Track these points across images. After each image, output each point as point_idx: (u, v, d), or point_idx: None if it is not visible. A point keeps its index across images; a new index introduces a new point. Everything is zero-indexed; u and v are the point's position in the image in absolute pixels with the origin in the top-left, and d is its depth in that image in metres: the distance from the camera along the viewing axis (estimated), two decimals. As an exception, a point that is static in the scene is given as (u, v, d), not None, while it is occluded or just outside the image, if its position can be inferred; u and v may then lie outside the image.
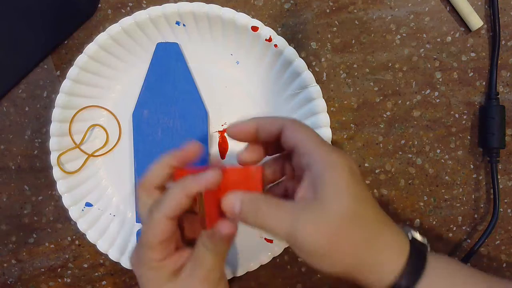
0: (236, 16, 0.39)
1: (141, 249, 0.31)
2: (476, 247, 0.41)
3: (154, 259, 0.30)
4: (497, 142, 0.41)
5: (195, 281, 0.31)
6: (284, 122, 0.30)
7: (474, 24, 0.41)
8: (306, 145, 0.29)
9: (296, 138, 0.29)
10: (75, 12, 0.43)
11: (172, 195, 0.30)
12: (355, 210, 0.27)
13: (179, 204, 0.30)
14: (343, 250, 0.27)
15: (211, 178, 0.29)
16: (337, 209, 0.27)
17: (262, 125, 0.31)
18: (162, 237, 0.30)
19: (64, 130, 0.42)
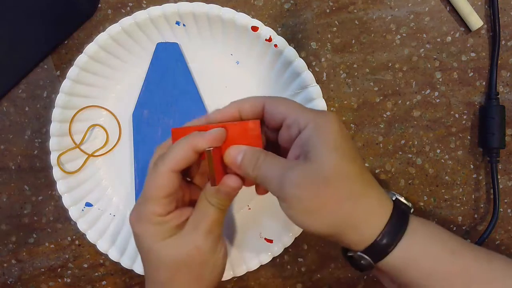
0: (236, 16, 0.39)
1: (143, 204, 0.31)
2: (476, 247, 0.41)
3: (157, 213, 0.30)
4: (497, 142, 0.41)
5: (199, 234, 0.31)
6: (264, 99, 0.31)
7: (474, 24, 0.41)
8: (291, 114, 0.29)
9: (279, 112, 0.30)
10: (75, 12, 0.43)
11: (178, 148, 0.30)
12: (341, 167, 0.27)
13: (186, 158, 0.30)
14: (328, 207, 0.27)
15: (218, 135, 0.30)
16: (323, 166, 0.27)
17: (243, 108, 0.31)
18: (166, 191, 0.30)
19: (64, 130, 0.42)
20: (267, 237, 0.42)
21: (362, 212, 0.28)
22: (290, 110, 0.30)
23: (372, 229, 0.28)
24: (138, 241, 0.32)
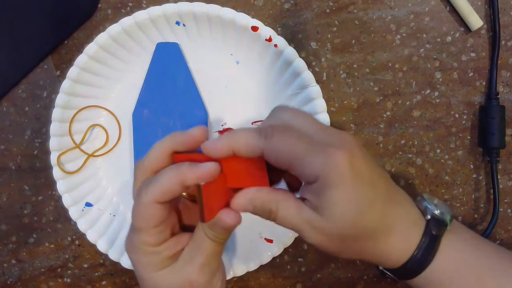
0: (236, 16, 0.39)
1: (134, 233, 0.29)
2: (476, 247, 0.41)
3: (148, 244, 0.29)
4: (497, 142, 0.41)
5: (193, 267, 0.29)
6: (262, 144, 0.27)
7: (474, 24, 0.41)
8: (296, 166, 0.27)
9: (280, 162, 0.27)
10: (75, 12, 0.43)
11: (163, 179, 0.28)
12: (357, 227, 0.27)
13: (170, 191, 0.28)
14: (350, 252, 0.29)
15: (208, 172, 0.27)
16: (339, 228, 0.27)
17: (237, 147, 0.28)
18: (154, 222, 0.28)
19: (64, 130, 0.42)
20: (267, 237, 0.42)
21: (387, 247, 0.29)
22: (295, 161, 0.27)
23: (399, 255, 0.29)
24: (134, 268, 0.31)
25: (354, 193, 0.27)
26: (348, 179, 0.26)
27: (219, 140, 0.28)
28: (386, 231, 0.29)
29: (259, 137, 0.27)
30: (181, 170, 0.27)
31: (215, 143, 0.28)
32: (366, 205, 0.27)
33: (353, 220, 0.27)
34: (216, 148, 0.28)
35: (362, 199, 0.27)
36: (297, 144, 0.27)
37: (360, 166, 0.27)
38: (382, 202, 0.28)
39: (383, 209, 0.28)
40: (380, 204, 0.28)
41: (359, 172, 0.27)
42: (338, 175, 0.26)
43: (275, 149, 0.27)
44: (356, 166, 0.27)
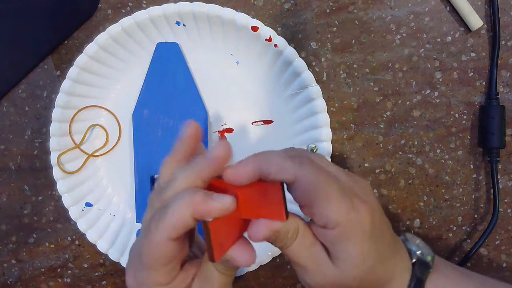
0: (236, 16, 0.39)
1: (142, 271, 0.27)
2: (476, 247, 0.41)
3: (160, 284, 0.26)
4: (497, 142, 0.41)
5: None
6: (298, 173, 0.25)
7: (474, 24, 0.41)
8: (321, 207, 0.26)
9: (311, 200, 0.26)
10: (75, 12, 0.43)
11: (175, 214, 0.25)
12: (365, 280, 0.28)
13: (183, 226, 0.25)
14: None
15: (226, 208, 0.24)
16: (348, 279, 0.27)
17: (267, 170, 0.25)
18: (166, 260, 0.26)
19: (64, 130, 0.42)
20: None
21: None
22: (322, 202, 0.25)
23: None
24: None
25: (371, 250, 0.27)
26: (368, 236, 0.26)
27: (246, 165, 0.25)
28: (386, 280, 0.29)
29: (293, 162, 0.25)
30: (195, 202, 0.24)
31: (241, 168, 0.25)
32: (378, 262, 0.28)
33: (364, 274, 0.27)
34: (244, 174, 0.25)
35: (376, 256, 0.27)
36: (331, 181, 0.26)
37: (378, 222, 0.27)
38: (389, 255, 0.29)
39: (389, 262, 0.29)
40: (387, 258, 0.29)
41: (377, 228, 0.27)
42: (360, 230, 0.26)
43: (309, 178, 0.25)
44: (375, 222, 0.27)
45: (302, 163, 0.26)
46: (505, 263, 0.43)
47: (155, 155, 0.42)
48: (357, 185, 0.28)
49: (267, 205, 0.26)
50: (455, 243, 0.43)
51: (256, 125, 0.43)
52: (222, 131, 0.43)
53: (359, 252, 0.27)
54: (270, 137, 0.43)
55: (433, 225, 0.43)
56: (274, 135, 0.42)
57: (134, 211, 0.43)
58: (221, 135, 0.43)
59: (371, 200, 0.27)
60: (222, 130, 0.43)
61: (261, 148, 0.43)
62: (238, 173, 0.25)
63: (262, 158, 0.26)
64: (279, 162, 0.25)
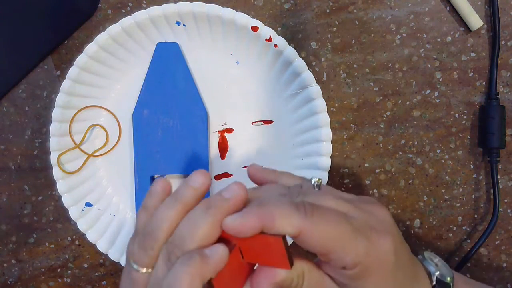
0: (236, 16, 0.39)
1: None
2: (476, 247, 0.41)
3: None
4: (497, 142, 0.41)
5: None
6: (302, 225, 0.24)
7: (474, 24, 0.41)
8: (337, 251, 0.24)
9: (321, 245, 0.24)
10: (75, 12, 0.43)
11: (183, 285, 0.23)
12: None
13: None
14: None
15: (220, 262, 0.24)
16: None
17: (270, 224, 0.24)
18: None
19: (64, 130, 0.42)
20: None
21: None
22: (337, 246, 0.24)
23: None
24: None
25: (394, 281, 0.26)
26: (390, 268, 0.25)
27: (247, 217, 0.24)
28: (413, 282, 0.28)
29: (298, 213, 0.24)
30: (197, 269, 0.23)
31: (242, 220, 0.24)
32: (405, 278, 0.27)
33: None
34: (245, 229, 0.24)
35: (399, 281, 0.26)
36: (341, 226, 0.24)
37: (400, 250, 0.26)
38: (408, 283, 0.28)
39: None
40: (407, 284, 0.28)
41: (399, 258, 0.26)
42: (381, 265, 0.25)
43: (318, 229, 0.24)
44: (398, 252, 0.26)
45: (307, 213, 0.24)
46: (505, 263, 0.43)
47: (155, 155, 0.42)
48: (372, 217, 0.26)
49: (270, 254, 0.25)
50: (455, 243, 0.43)
51: (256, 125, 0.43)
52: (222, 131, 0.43)
53: (381, 284, 0.25)
54: (270, 137, 0.43)
55: (433, 225, 0.43)
56: (274, 135, 0.42)
57: (134, 211, 0.43)
58: (221, 135, 0.43)
59: (390, 229, 0.26)
60: (222, 130, 0.43)
61: (261, 148, 0.43)
62: (239, 228, 0.24)
63: (265, 213, 0.24)
64: (284, 218, 0.24)
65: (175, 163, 0.42)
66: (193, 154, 0.41)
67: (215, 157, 0.43)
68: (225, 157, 0.43)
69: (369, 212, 0.27)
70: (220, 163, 0.43)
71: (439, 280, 0.30)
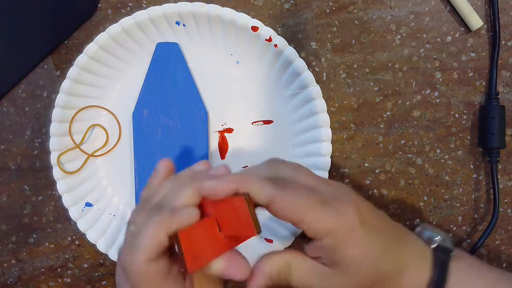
0: (236, 16, 0.39)
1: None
2: (476, 247, 0.41)
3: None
4: (497, 142, 0.41)
5: None
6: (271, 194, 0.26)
7: (474, 24, 0.41)
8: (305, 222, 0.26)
9: (288, 215, 0.27)
10: (75, 12, 0.43)
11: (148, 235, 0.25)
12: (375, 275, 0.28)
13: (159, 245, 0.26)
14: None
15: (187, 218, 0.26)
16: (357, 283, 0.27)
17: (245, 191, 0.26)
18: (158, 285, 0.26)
19: (64, 130, 0.42)
20: (267, 237, 0.42)
21: None
22: (305, 216, 0.26)
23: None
24: None
25: (368, 245, 0.27)
26: (360, 233, 0.27)
27: (224, 180, 0.26)
28: (400, 270, 0.29)
29: (271, 184, 0.27)
30: (164, 220, 0.26)
31: (219, 182, 0.26)
32: (381, 254, 0.28)
33: (371, 271, 0.27)
34: (220, 189, 0.26)
35: (376, 249, 0.28)
36: (310, 198, 0.27)
37: (367, 217, 0.28)
38: (393, 245, 0.29)
39: (395, 251, 0.29)
40: (391, 248, 0.29)
41: (368, 223, 0.28)
42: (351, 231, 0.27)
43: (288, 199, 0.26)
44: (364, 218, 0.27)
45: (278, 185, 0.27)
46: (505, 263, 0.43)
47: (155, 155, 0.42)
48: (339, 191, 0.28)
49: (238, 221, 0.26)
50: (455, 243, 0.43)
51: (256, 125, 0.43)
52: (222, 131, 0.43)
53: (357, 252, 0.27)
54: (270, 137, 0.43)
55: (433, 225, 0.43)
56: (274, 135, 0.42)
57: (134, 211, 0.43)
58: (221, 135, 0.43)
59: (354, 199, 0.28)
60: (222, 130, 0.43)
61: (261, 148, 0.43)
62: (214, 188, 0.26)
63: (243, 180, 0.26)
64: (259, 187, 0.26)
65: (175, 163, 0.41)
66: (193, 154, 0.42)
67: (215, 157, 0.43)
68: (225, 157, 0.43)
69: (336, 187, 0.29)
70: (220, 163, 0.43)
71: (439, 244, 0.31)
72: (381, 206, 0.43)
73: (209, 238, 0.27)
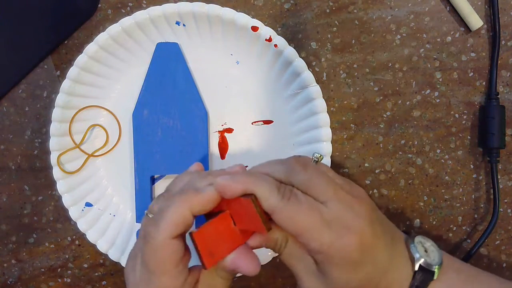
0: (236, 16, 0.39)
1: (152, 278, 0.27)
2: (476, 247, 0.41)
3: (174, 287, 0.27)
4: (497, 142, 0.41)
5: None
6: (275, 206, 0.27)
7: (474, 24, 0.41)
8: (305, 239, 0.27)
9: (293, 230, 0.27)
10: (75, 12, 0.43)
11: (174, 210, 0.27)
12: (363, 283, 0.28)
13: (183, 221, 0.27)
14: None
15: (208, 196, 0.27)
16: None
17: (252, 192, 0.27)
18: (174, 261, 0.27)
19: (64, 130, 0.42)
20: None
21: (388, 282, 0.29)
22: (301, 231, 0.27)
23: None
24: None
25: (356, 271, 0.27)
26: (353, 264, 0.27)
27: (234, 181, 0.27)
28: (389, 269, 0.29)
29: (277, 194, 0.27)
30: (188, 197, 0.27)
31: (230, 182, 0.27)
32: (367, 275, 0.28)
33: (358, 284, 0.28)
34: (230, 188, 0.27)
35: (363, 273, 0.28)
36: (311, 215, 0.27)
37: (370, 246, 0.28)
38: (380, 271, 0.29)
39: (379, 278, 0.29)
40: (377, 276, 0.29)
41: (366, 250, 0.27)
42: (344, 257, 0.27)
43: (288, 213, 0.26)
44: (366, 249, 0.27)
45: (284, 197, 0.27)
46: (505, 263, 0.43)
47: (155, 155, 0.42)
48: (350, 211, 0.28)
49: (249, 218, 0.27)
50: (455, 243, 0.43)
51: (256, 125, 0.43)
52: (222, 131, 0.43)
53: (344, 278, 0.27)
54: (270, 137, 0.43)
55: (433, 225, 0.43)
56: (274, 135, 0.42)
57: (134, 211, 0.43)
58: (221, 135, 0.43)
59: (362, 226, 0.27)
60: (222, 130, 0.43)
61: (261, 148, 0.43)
62: (225, 187, 0.27)
63: (252, 182, 0.27)
64: (266, 193, 0.27)
65: (175, 163, 0.42)
66: (193, 154, 0.41)
67: (215, 157, 0.43)
68: (225, 157, 0.43)
69: (349, 205, 0.28)
70: (220, 163, 0.43)
71: (422, 267, 0.30)
72: (381, 206, 0.43)
73: (225, 232, 0.28)
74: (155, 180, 0.43)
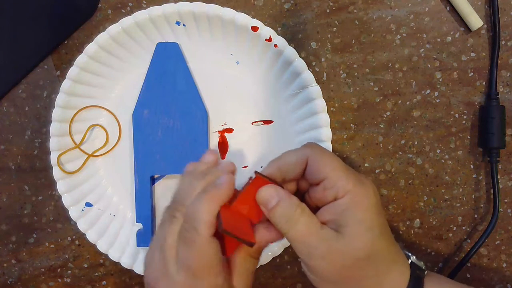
0: (236, 16, 0.39)
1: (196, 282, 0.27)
2: (476, 247, 0.41)
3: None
4: (497, 142, 0.41)
5: None
6: (309, 153, 0.30)
7: (474, 24, 0.41)
8: (332, 178, 0.29)
9: (321, 171, 0.29)
10: (75, 12, 0.43)
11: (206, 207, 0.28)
12: (373, 249, 0.28)
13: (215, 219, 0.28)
14: (351, 283, 0.29)
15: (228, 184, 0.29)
16: (356, 246, 0.28)
17: (285, 167, 0.30)
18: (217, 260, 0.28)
19: (64, 130, 0.42)
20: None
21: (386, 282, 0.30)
22: (332, 173, 0.29)
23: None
24: None
25: (377, 217, 0.29)
26: (373, 206, 0.29)
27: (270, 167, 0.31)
28: (389, 264, 0.29)
29: (304, 148, 0.30)
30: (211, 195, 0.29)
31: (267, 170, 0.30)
32: (381, 234, 0.29)
33: (371, 240, 0.28)
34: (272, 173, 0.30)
35: (381, 224, 0.29)
36: (337, 160, 0.30)
37: (379, 199, 0.30)
38: (390, 235, 0.30)
39: (390, 242, 0.30)
40: (389, 236, 0.30)
41: (379, 204, 0.30)
42: (367, 200, 0.29)
43: (318, 157, 0.30)
44: (378, 197, 0.30)
45: (313, 146, 0.31)
46: (505, 263, 0.43)
47: (155, 155, 0.42)
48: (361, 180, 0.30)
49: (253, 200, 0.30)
50: (455, 243, 0.43)
51: (256, 125, 0.43)
52: (222, 131, 0.43)
53: (368, 217, 0.28)
54: (270, 137, 0.43)
55: (433, 225, 0.43)
56: (274, 135, 0.42)
57: (134, 211, 0.43)
58: (221, 135, 0.43)
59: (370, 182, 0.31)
60: (222, 130, 0.43)
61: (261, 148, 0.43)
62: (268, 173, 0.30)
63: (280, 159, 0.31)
64: (296, 154, 0.30)
65: (175, 163, 0.42)
66: (193, 154, 0.41)
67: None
68: (225, 157, 0.43)
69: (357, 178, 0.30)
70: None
71: (413, 262, 0.31)
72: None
73: (251, 205, 0.30)
74: (155, 180, 0.43)
